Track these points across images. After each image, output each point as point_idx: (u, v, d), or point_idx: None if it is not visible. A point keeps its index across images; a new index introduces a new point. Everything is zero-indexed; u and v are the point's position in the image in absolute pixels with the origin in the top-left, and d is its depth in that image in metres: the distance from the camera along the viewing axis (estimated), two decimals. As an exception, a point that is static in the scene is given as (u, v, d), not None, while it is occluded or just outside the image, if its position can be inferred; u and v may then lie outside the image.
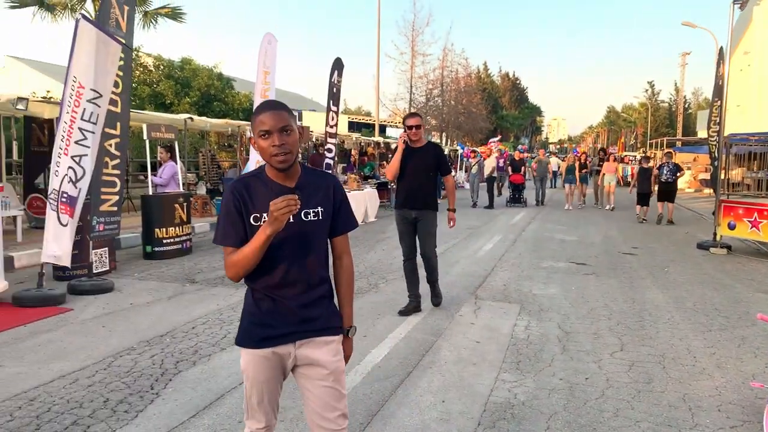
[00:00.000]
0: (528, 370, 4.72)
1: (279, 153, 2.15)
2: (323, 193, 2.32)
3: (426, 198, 6.16)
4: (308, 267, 2.28)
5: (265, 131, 2.16)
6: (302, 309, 2.27)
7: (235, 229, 2.21)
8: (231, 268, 2.18)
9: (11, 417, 3.75)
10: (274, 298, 2.26)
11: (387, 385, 4.34)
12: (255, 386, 2.32)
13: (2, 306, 6.34)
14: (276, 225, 2.05)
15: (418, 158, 6.08)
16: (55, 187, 6.66)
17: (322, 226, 2.31)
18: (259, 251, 2.12)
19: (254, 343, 2.27)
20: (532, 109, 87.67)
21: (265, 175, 2.27)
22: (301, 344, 2.29)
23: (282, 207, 2.01)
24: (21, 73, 33.28)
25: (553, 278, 8.26)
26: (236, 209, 2.21)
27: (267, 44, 11.18)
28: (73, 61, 6.74)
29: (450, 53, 43.18)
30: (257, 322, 2.27)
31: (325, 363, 2.30)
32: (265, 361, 2.28)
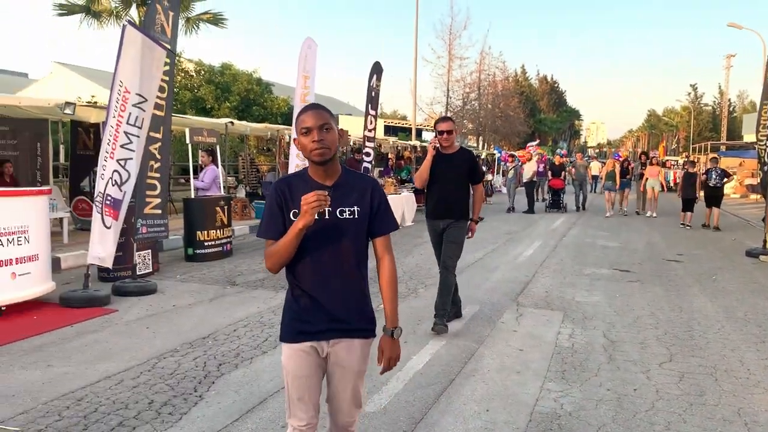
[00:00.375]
0: (574, 380, 4.61)
1: (318, 148, 2.27)
2: (361, 194, 2.39)
3: (457, 207, 5.73)
4: (342, 266, 2.35)
5: (306, 128, 2.30)
6: (335, 308, 2.36)
7: (275, 223, 2.34)
8: (268, 258, 2.32)
9: (60, 417, 3.81)
10: (310, 294, 2.35)
11: (429, 392, 4.29)
12: (295, 381, 2.39)
13: (50, 306, 6.48)
14: (306, 218, 2.16)
15: (450, 165, 5.68)
16: (101, 189, 6.78)
17: (358, 226, 2.37)
18: (292, 244, 2.23)
19: (292, 337, 2.37)
20: (570, 113, 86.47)
21: (307, 174, 2.40)
22: (333, 343, 2.39)
23: (312, 201, 2.12)
24: (68, 79, 34.22)
25: (597, 285, 8.09)
26: (277, 205, 2.35)
27: (307, 48, 11.24)
28: (120, 67, 6.87)
29: (487, 56, 42.98)
30: (295, 317, 2.38)
31: (351, 365, 2.42)
32: (304, 355, 2.36)
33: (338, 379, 2.43)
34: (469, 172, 5.77)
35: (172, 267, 8.98)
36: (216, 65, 27.63)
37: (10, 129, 11.24)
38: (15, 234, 6.03)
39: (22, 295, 6.12)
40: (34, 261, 6.29)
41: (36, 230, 6.31)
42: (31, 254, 6.24)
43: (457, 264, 5.94)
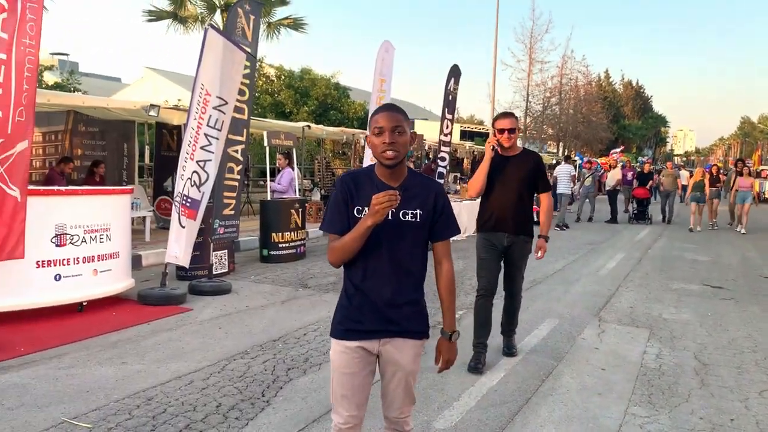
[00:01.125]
0: (662, 405, 4.25)
1: (388, 149, 2.27)
2: (425, 198, 2.39)
3: (520, 219, 4.85)
4: (400, 266, 2.35)
5: (379, 128, 2.29)
6: (389, 308, 2.36)
7: (340, 218, 2.35)
8: (332, 253, 2.33)
9: (130, 416, 3.82)
10: (365, 293, 2.36)
11: (504, 411, 4.05)
12: (340, 378, 2.41)
13: (128, 303, 6.64)
14: (376, 217, 2.16)
15: (512, 168, 4.78)
16: (180, 190, 6.90)
17: (419, 229, 2.38)
18: (359, 240, 2.24)
19: (342, 334, 2.39)
20: (656, 119, 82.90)
21: (374, 173, 2.40)
22: (384, 342, 2.40)
23: (383, 201, 2.12)
24: (157, 84, 35.78)
25: (686, 302, 7.56)
26: (343, 200, 2.36)
27: (384, 52, 11.18)
28: (201, 69, 6.98)
29: (569, 60, 41.66)
30: (347, 315, 2.39)
31: (403, 365, 2.42)
32: (351, 353, 2.38)
33: (390, 376, 2.46)
34: (534, 178, 4.87)
35: (247, 267, 9.08)
36: (296, 70, 28.13)
37: (100, 130, 11.75)
38: (97, 232, 6.21)
39: (102, 292, 6.29)
40: (114, 258, 6.46)
41: (117, 228, 6.48)
42: (112, 252, 6.41)
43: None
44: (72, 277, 6.00)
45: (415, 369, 2.48)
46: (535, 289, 7.88)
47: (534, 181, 4.90)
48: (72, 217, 5.99)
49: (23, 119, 5.42)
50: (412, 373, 2.47)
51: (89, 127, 11.57)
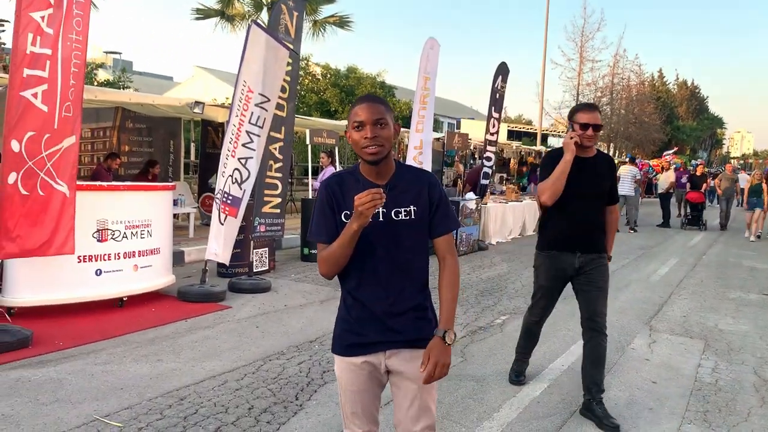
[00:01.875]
0: (719, 423, 3.97)
1: (370, 145, 2.08)
2: (417, 192, 2.19)
3: (598, 235, 4.06)
4: (399, 270, 2.18)
5: (358, 122, 2.09)
6: (391, 317, 2.18)
7: (327, 225, 2.18)
8: (322, 264, 2.16)
9: (161, 416, 3.76)
10: (364, 303, 2.19)
11: (547, 425, 3.83)
12: (347, 395, 2.26)
13: (168, 299, 6.65)
14: (361, 220, 1.99)
15: (589, 174, 3.93)
16: (221, 187, 6.88)
17: (415, 227, 2.18)
18: (346, 247, 2.07)
19: (344, 350, 2.23)
20: (712, 120, 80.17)
21: (359, 172, 2.21)
22: (390, 354, 2.21)
23: (366, 201, 1.94)
24: (207, 83, 36.38)
25: (744, 312, 7.16)
26: (329, 205, 2.18)
27: (429, 49, 10.98)
28: (244, 66, 6.94)
29: (621, 59, 40.66)
30: (348, 328, 2.23)
31: (413, 377, 2.19)
32: (356, 369, 2.21)
33: (401, 394, 2.25)
34: (610, 186, 4.09)
35: (288, 266, 9.04)
36: (341, 69, 28.16)
37: (147, 127, 11.92)
38: (138, 227, 6.23)
39: (142, 287, 6.31)
40: (155, 254, 6.47)
41: (158, 224, 6.49)
42: (153, 248, 6.42)
43: None
44: (112, 273, 6.03)
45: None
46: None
47: (609, 189, 4.08)
48: (113, 212, 6.01)
49: (70, 114, 5.45)
50: (427, 387, 2.21)
51: (137, 124, 11.76)
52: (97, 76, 20.74)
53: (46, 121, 5.08)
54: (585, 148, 3.95)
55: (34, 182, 5.14)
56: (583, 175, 3.92)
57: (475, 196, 11.75)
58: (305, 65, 26.61)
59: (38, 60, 4.97)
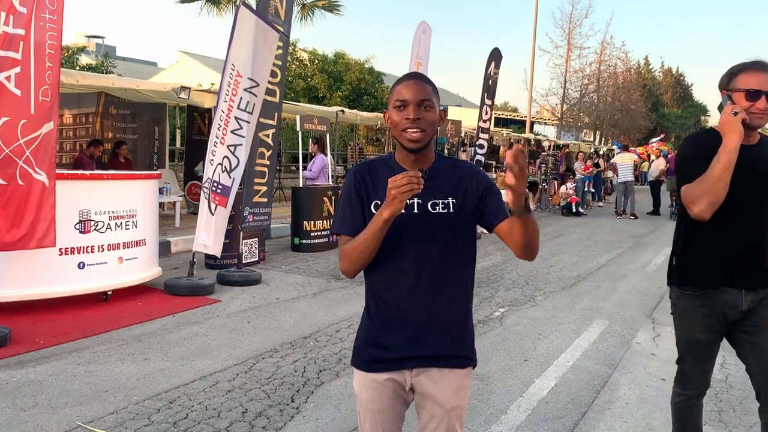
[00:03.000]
0: (735, 425, 3.80)
1: (412, 128, 1.83)
2: (457, 183, 1.94)
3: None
4: (433, 273, 1.89)
5: (402, 102, 1.85)
6: (421, 329, 1.91)
7: (353, 216, 1.91)
8: (344, 258, 1.88)
9: (149, 421, 3.52)
10: (391, 312, 1.92)
11: (558, 427, 3.65)
12: (367, 414, 1.99)
13: (155, 293, 6.39)
14: (394, 207, 1.71)
15: (755, 170, 2.56)
16: (209, 175, 6.61)
17: (455, 222, 1.91)
18: (374, 239, 1.79)
19: (365, 365, 1.97)
20: (696, 108, 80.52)
21: (394, 160, 1.96)
22: (417, 372, 1.94)
23: (402, 185, 1.66)
24: (192, 68, 35.82)
25: (745, 303, 7.02)
26: (357, 194, 1.93)
27: (421, 33, 10.73)
28: (232, 50, 6.65)
29: (609, 47, 40.51)
30: (371, 340, 1.96)
31: (441, 400, 1.93)
32: (378, 387, 1.95)
33: (427, 417, 1.97)
34: None
35: (278, 256, 8.79)
36: (329, 54, 27.77)
37: (131, 113, 11.57)
38: (123, 218, 5.95)
39: (127, 281, 6.04)
40: (141, 246, 6.20)
41: (144, 215, 6.22)
42: (139, 239, 6.15)
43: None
44: (96, 266, 5.76)
45: (459, 405, 1.96)
46: (579, 286, 7.42)
47: None
48: (97, 202, 5.73)
49: (48, 100, 5.17)
50: (456, 411, 1.95)
51: (120, 110, 11.40)
52: (78, 60, 20.20)
53: (20, 107, 4.79)
54: (752, 130, 2.57)
55: (13, 171, 4.87)
56: (747, 172, 2.51)
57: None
58: (292, 50, 26.18)
59: (12, 41, 4.67)
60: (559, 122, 36.99)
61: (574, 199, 16.43)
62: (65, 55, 17.54)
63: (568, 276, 7.94)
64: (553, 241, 11.41)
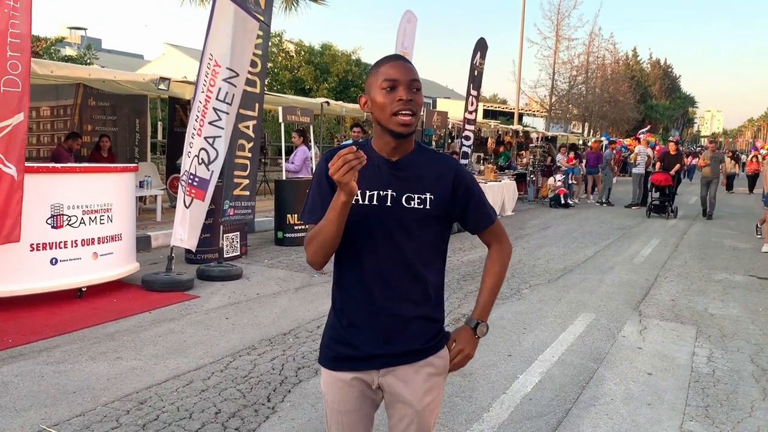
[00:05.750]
0: (722, 420, 3.72)
1: (404, 110, 1.71)
2: (436, 178, 1.82)
3: None
4: (404, 269, 1.80)
5: (391, 82, 1.72)
6: (390, 326, 1.81)
7: (324, 203, 1.74)
8: (307, 246, 1.77)
9: (117, 423, 3.38)
10: (359, 308, 1.82)
11: (542, 425, 3.54)
12: (334, 415, 1.91)
13: (131, 289, 6.22)
14: (344, 190, 1.59)
15: None
16: (186, 168, 6.44)
17: (430, 218, 1.81)
18: (334, 225, 1.67)
19: (332, 364, 1.88)
20: (684, 100, 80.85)
21: (370, 146, 1.84)
22: (385, 372, 1.85)
23: (339, 167, 1.54)
24: (178, 60, 35.44)
25: (732, 295, 6.97)
26: (328, 182, 1.78)
27: (406, 22, 10.57)
28: (210, 39, 6.46)
29: (597, 38, 40.48)
30: (336, 337, 1.87)
31: (411, 401, 1.85)
32: (345, 386, 1.86)
33: (397, 415, 1.88)
34: None
35: (261, 251, 8.64)
36: (316, 46, 27.53)
37: (111, 105, 11.33)
38: (97, 212, 5.77)
39: (103, 276, 5.86)
40: (117, 241, 6.03)
41: (120, 209, 6.04)
42: (114, 234, 5.98)
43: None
44: (69, 261, 5.58)
45: (430, 405, 1.87)
46: (566, 278, 7.33)
47: None
48: (69, 196, 5.55)
49: (18, 90, 5.01)
50: (428, 409, 1.86)
51: (100, 102, 11.16)
52: (59, 52, 19.86)
53: (-16, 97, 4.60)
54: None
55: (-20, 164, 4.69)
56: None
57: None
58: (278, 42, 25.91)
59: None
60: (548, 114, 36.96)
61: (563, 191, 16.36)
62: (44, 47, 17.21)
63: (554, 268, 7.85)
64: (540, 233, 11.32)
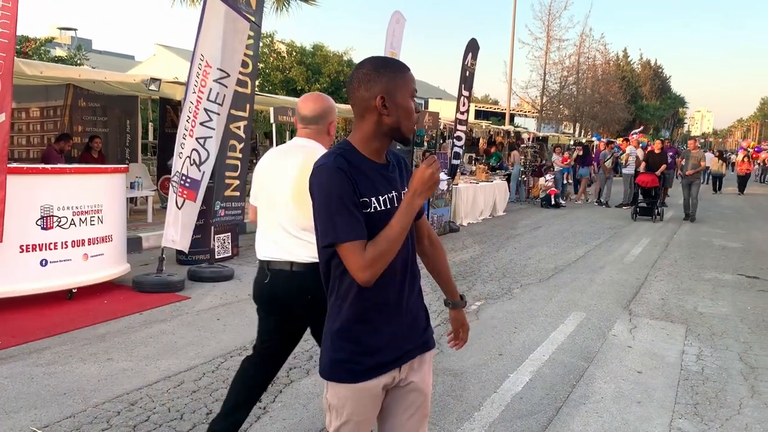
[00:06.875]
0: (711, 418, 3.75)
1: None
2: (399, 172, 1.93)
3: None
4: (411, 265, 1.90)
5: (413, 92, 1.80)
6: (409, 323, 1.89)
7: (358, 219, 1.69)
8: (375, 264, 1.65)
9: (108, 425, 3.37)
10: (388, 311, 1.81)
11: (532, 424, 3.56)
12: (349, 426, 1.84)
13: (122, 290, 6.20)
14: (426, 196, 1.69)
15: None
16: (178, 169, 6.43)
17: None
18: (406, 232, 1.70)
19: (356, 377, 1.80)
20: (674, 100, 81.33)
21: (357, 151, 1.81)
22: (404, 366, 1.90)
23: (434, 171, 1.66)
24: (170, 61, 35.28)
25: (721, 293, 7.02)
26: (354, 193, 1.71)
27: (395, 23, 10.57)
28: (201, 39, 6.46)
29: (588, 39, 40.61)
30: (362, 348, 1.80)
31: (423, 387, 1.95)
32: (368, 395, 1.83)
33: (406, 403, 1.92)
34: None
35: (252, 252, 8.54)
36: (308, 46, 27.49)
37: (101, 106, 11.27)
38: (87, 213, 5.75)
39: (93, 278, 5.84)
40: (107, 242, 6.01)
41: (110, 210, 6.02)
42: (105, 235, 5.96)
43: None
44: (60, 263, 5.56)
45: (429, 389, 2.04)
46: (557, 278, 7.36)
47: None
48: (59, 197, 5.52)
49: (-1, 90, 4.98)
50: (429, 397, 2.03)
51: (90, 103, 11.10)
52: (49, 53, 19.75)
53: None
54: None
55: (-36, 165, 4.66)
56: None
57: (446, 177, 11.46)
58: (269, 42, 25.86)
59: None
60: (539, 114, 37.06)
61: (554, 191, 16.42)
62: (33, 47, 17.11)
63: (545, 268, 7.87)
64: (531, 233, 11.36)
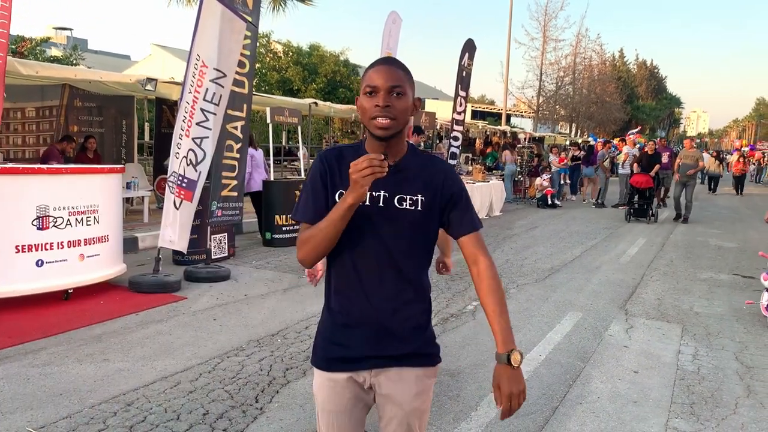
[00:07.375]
0: (707, 417, 3.76)
1: (381, 116, 1.72)
2: (428, 180, 1.85)
3: None
4: (395, 270, 1.82)
5: (372, 88, 1.74)
6: (383, 327, 1.83)
7: (316, 202, 1.82)
8: (302, 246, 1.78)
9: (104, 425, 3.37)
10: (353, 308, 1.84)
11: (529, 423, 3.57)
12: (325, 416, 1.91)
13: (118, 290, 6.19)
14: (357, 192, 1.63)
15: None
16: (174, 169, 6.42)
17: (420, 220, 1.83)
18: (335, 226, 1.70)
19: (325, 364, 1.88)
20: (670, 100, 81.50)
21: (363, 148, 1.86)
22: (377, 373, 1.87)
23: (363, 167, 1.59)
24: (165, 61, 35.21)
25: (717, 293, 7.04)
26: (322, 181, 1.83)
27: (391, 23, 10.58)
28: (197, 39, 6.45)
29: (584, 39, 40.75)
30: (329, 338, 1.88)
31: (400, 401, 1.86)
32: (337, 387, 1.87)
33: (387, 417, 1.90)
34: None
35: (249, 252, 8.62)
36: (304, 46, 27.49)
37: (97, 106, 11.25)
38: (84, 214, 5.74)
39: (89, 278, 5.83)
40: (103, 242, 5.99)
41: (106, 210, 6.01)
42: (101, 235, 5.94)
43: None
44: (56, 263, 5.54)
45: (419, 408, 1.89)
46: (553, 278, 7.37)
47: None
48: (55, 197, 5.51)
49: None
50: (416, 413, 1.88)
51: (86, 103, 11.07)
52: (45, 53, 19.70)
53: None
54: None
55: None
56: None
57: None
58: (266, 42, 25.86)
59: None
60: (536, 114, 37.13)
61: (550, 191, 16.44)
62: (29, 47, 17.07)
63: (542, 268, 7.89)
64: (527, 234, 11.37)
